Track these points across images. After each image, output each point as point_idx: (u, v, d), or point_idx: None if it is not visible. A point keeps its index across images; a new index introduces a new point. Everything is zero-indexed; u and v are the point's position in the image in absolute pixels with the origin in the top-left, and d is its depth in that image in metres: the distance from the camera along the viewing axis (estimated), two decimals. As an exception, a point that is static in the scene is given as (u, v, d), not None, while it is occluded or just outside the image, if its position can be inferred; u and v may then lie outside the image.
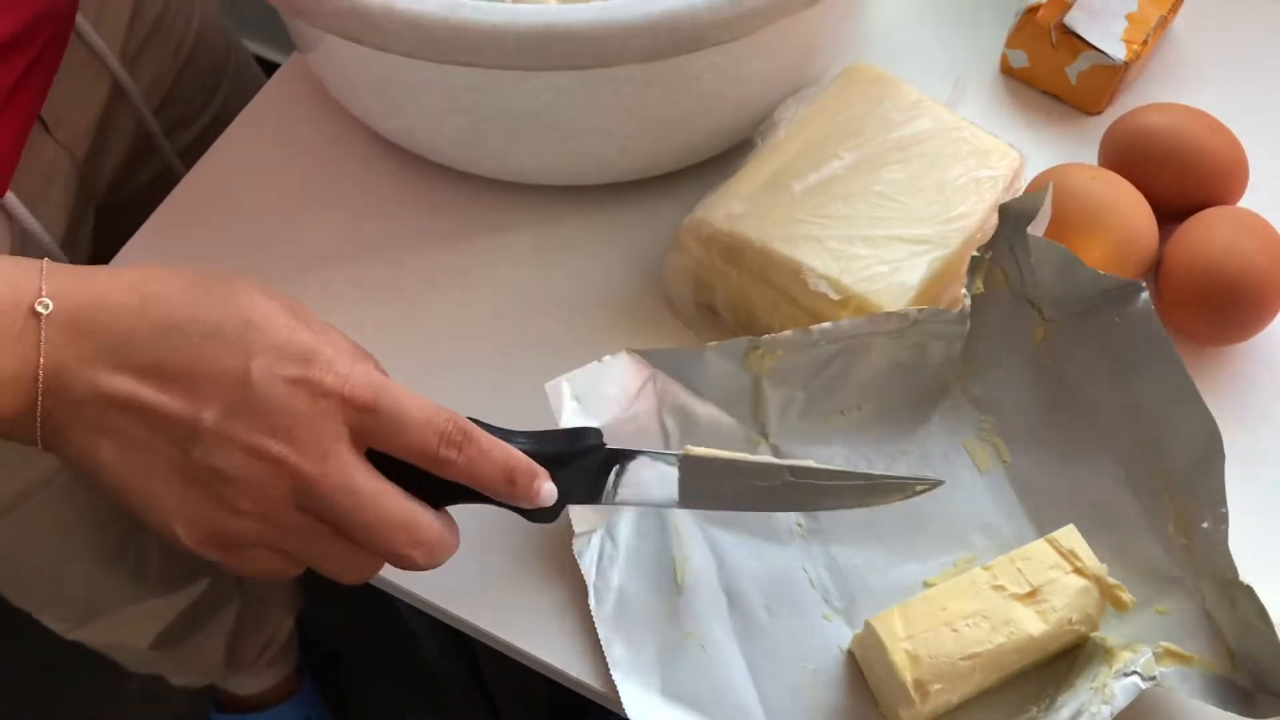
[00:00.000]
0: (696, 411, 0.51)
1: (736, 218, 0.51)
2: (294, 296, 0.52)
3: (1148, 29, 0.58)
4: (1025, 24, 0.59)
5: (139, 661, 0.95)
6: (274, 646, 1.04)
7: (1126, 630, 0.46)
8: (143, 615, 0.86)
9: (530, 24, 0.45)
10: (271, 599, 1.00)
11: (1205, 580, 0.45)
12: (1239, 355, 0.53)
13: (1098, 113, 0.60)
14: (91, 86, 0.63)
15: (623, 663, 0.46)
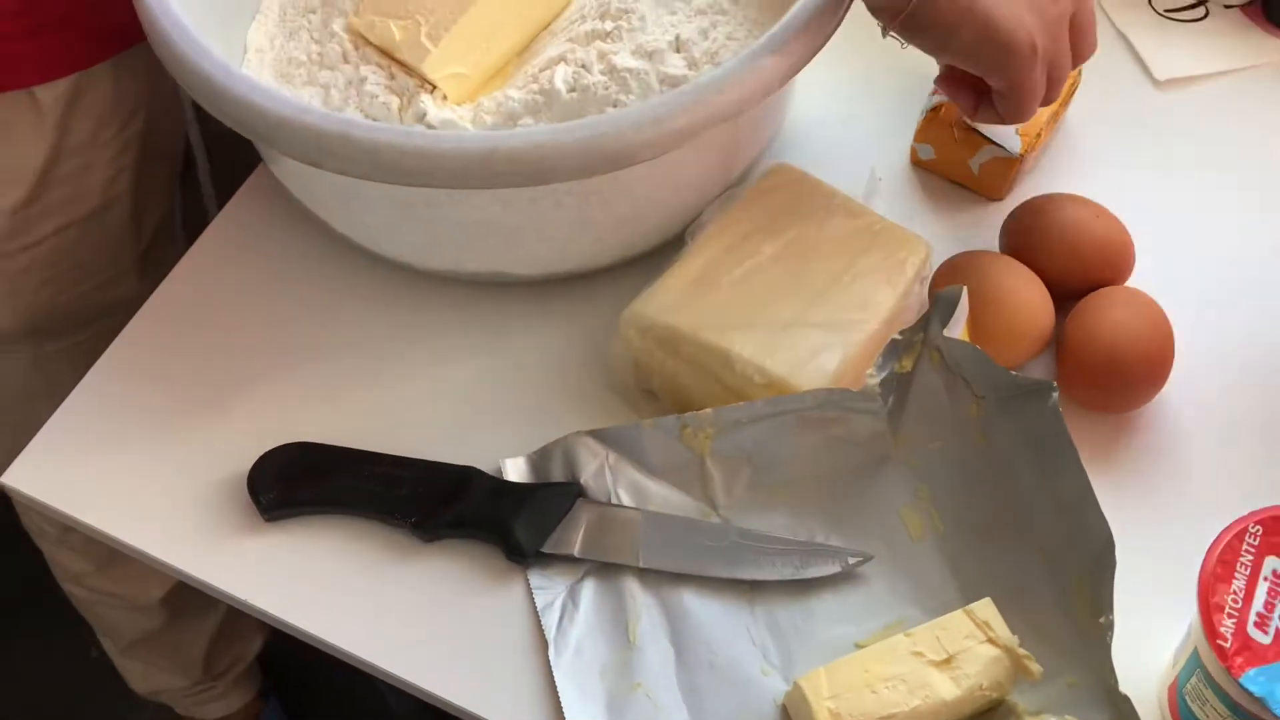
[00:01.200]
0: (649, 489, 0.56)
1: (671, 309, 0.56)
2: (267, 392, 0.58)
3: (1040, 123, 0.64)
4: (930, 121, 0.65)
5: (134, 629, 0.99)
6: (243, 664, 1.09)
7: (1038, 699, 0.50)
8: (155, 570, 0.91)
9: (476, 148, 0.50)
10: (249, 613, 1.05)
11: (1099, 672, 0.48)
12: (1133, 421, 0.58)
13: (999, 199, 0.65)
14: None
15: (575, 709, 0.50)
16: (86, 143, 0.70)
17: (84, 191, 0.72)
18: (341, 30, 0.64)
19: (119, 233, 0.76)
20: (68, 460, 0.58)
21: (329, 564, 0.55)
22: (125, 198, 0.74)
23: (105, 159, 0.71)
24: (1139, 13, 0.74)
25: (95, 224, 0.74)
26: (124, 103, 0.71)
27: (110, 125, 0.71)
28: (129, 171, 0.73)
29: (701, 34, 0.63)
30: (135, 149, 0.73)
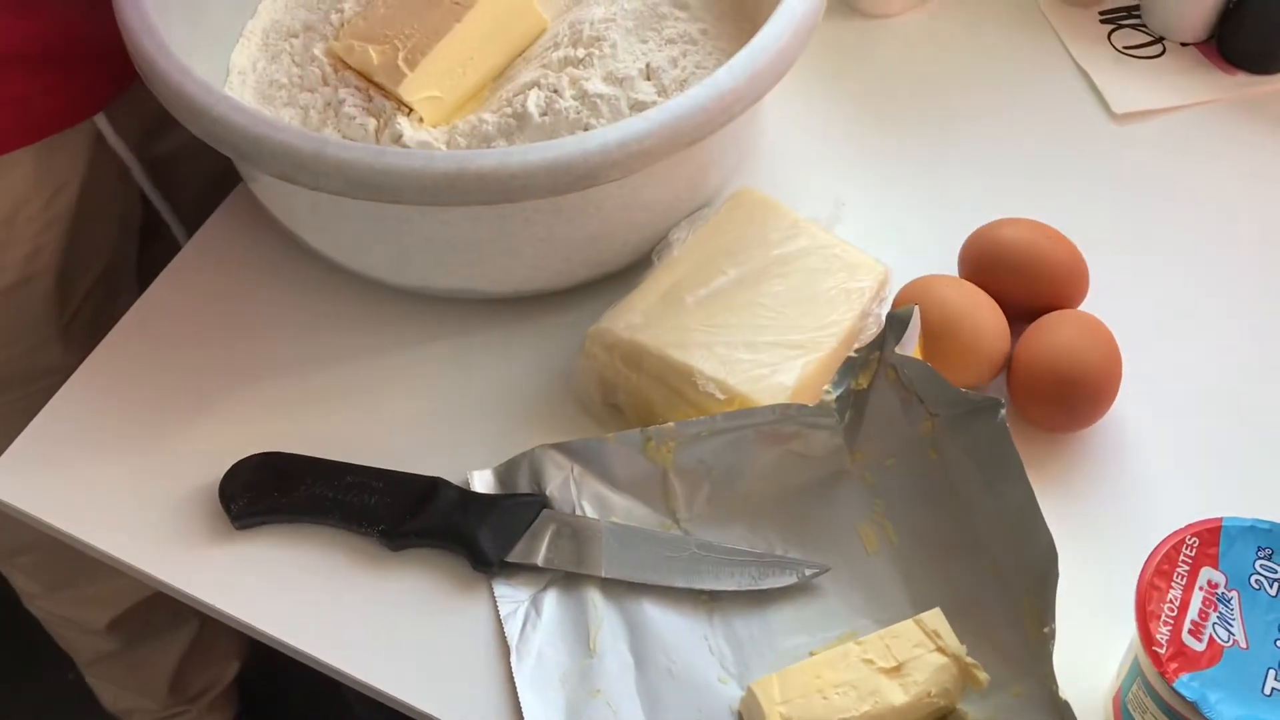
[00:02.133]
0: (613, 501, 0.57)
1: (636, 327, 0.58)
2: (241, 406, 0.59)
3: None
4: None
5: (90, 651, 0.99)
6: (216, 688, 1.09)
7: (986, 707, 0.51)
8: (107, 593, 0.93)
9: (445, 167, 0.51)
10: (225, 636, 1.05)
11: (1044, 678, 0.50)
12: (1082, 440, 0.60)
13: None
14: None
15: (535, 715, 0.51)
16: (4, 221, 0.69)
17: (3, 267, 0.70)
18: (321, 54, 0.66)
19: (40, 304, 0.74)
20: (43, 468, 0.59)
21: (298, 571, 0.56)
22: (48, 271, 0.73)
23: (25, 236, 0.70)
24: (1098, 48, 0.76)
25: (16, 296, 0.72)
26: (46, 182, 0.69)
27: (31, 204, 0.69)
28: (52, 247, 0.72)
29: (671, 62, 0.65)
30: (61, 224, 0.72)
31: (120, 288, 0.80)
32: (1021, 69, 0.76)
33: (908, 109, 0.74)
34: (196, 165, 0.79)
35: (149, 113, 0.73)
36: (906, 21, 0.78)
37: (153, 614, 0.97)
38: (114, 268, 0.78)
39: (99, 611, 0.95)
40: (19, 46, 0.64)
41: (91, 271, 0.76)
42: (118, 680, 1.04)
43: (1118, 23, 0.77)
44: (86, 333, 0.78)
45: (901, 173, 0.71)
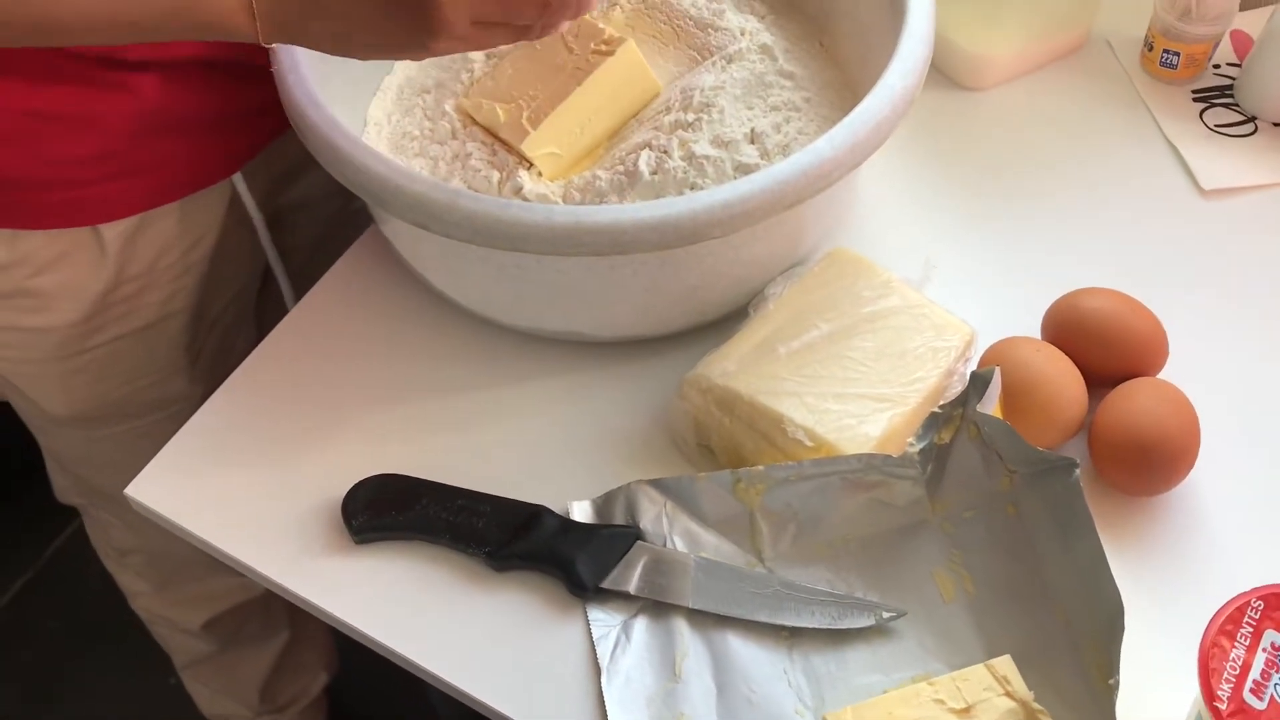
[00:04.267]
0: (702, 537, 0.61)
1: (731, 374, 0.62)
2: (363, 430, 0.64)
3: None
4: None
5: (187, 653, 1.06)
6: (305, 699, 1.14)
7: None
8: (205, 595, 0.99)
9: (563, 221, 0.56)
10: (315, 647, 1.10)
11: None
12: (1158, 503, 0.62)
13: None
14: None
15: None
16: (146, 270, 0.74)
17: (140, 308, 0.76)
18: (451, 110, 0.72)
19: (172, 342, 0.80)
20: (182, 480, 0.65)
21: (409, 585, 0.61)
22: (182, 312, 0.78)
23: (164, 281, 0.76)
24: (1190, 125, 0.79)
25: (150, 334, 0.78)
26: (188, 234, 0.75)
27: (172, 253, 0.75)
28: (187, 291, 0.77)
29: (775, 128, 0.69)
30: (197, 271, 0.77)
31: (240, 325, 0.87)
32: (1112, 142, 0.78)
33: (999, 177, 0.77)
34: (309, 216, 0.86)
35: (276, 171, 0.80)
36: (1001, 94, 0.82)
37: (247, 620, 1.03)
38: (236, 308, 0.85)
39: (196, 612, 1.01)
40: (167, 118, 0.70)
41: (217, 311, 0.83)
42: (212, 683, 1.10)
43: (1210, 101, 0.80)
44: (208, 366, 0.84)
45: (990, 238, 0.74)
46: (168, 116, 0.70)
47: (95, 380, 0.79)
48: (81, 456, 0.88)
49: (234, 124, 0.74)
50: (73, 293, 0.73)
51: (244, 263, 0.83)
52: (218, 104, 0.72)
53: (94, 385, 0.80)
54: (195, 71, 0.70)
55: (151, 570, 0.99)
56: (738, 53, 0.71)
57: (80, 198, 0.70)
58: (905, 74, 0.61)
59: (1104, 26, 0.84)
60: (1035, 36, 0.80)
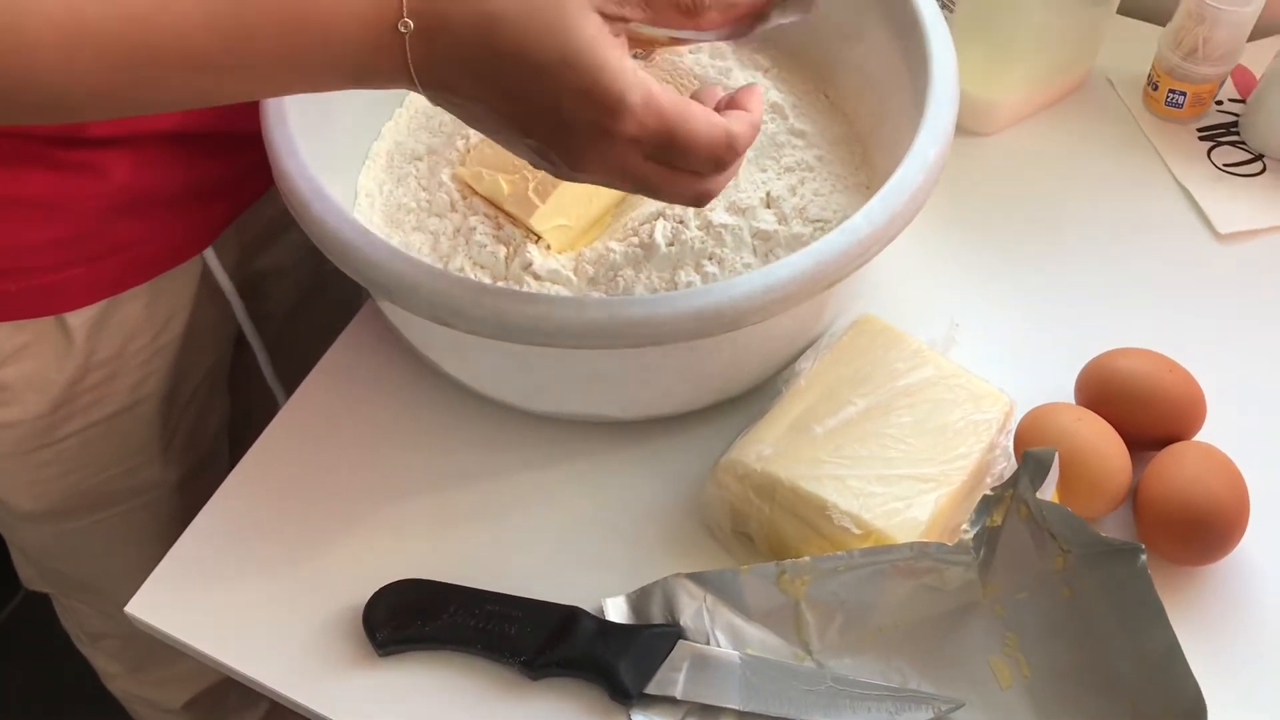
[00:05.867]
0: (746, 631, 0.58)
1: (767, 459, 0.59)
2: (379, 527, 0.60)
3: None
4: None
5: None
6: None
7: None
8: (185, 674, 0.95)
9: (596, 316, 0.53)
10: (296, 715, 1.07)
11: None
12: (1215, 573, 0.60)
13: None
14: None
15: None
16: (114, 355, 0.70)
17: (110, 395, 0.72)
18: (449, 179, 0.68)
19: (145, 427, 0.76)
20: (186, 592, 0.61)
21: (440, 699, 0.57)
22: (154, 396, 0.75)
23: (134, 366, 0.72)
24: (1198, 165, 0.77)
25: (120, 421, 0.74)
26: (158, 314, 0.71)
27: (142, 336, 0.71)
28: (159, 374, 0.74)
29: (790, 190, 0.67)
30: (169, 351, 0.73)
31: (214, 400, 0.82)
32: (1124, 185, 0.77)
33: (1013, 227, 0.75)
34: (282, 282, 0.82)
35: (246, 239, 0.76)
36: (1008, 138, 0.80)
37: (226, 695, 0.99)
38: (208, 382, 0.81)
39: (176, 692, 0.97)
40: (135, 196, 0.65)
41: (190, 390, 0.78)
42: None
43: (1216, 139, 0.79)
44: (182, 448, 0.80)
45: (1011, 293, 0.72)
46: (137, 195, 0.66)
47: (64, 473, 0.75)
48: (50, 549, 0.83)
49: (205, 198, 0.70)
50: (37, 384, 0.69)
51: (216, 336, 0.79)
52: (190, 178, 0.68)
53: (63, 478, 0.75)
54: (166, 146, 0.65)
55: (126, 653, 0.95)
56: (748, 112, 0.68)
57: (43, 285, 0.65)
58: (936, 139, 0.59)
59: (1103, 64, 0.83)
60: (1041, 79, 0.79)
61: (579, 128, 0.45)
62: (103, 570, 0.84)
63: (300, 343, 0.73)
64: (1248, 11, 0.74)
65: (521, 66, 0.44)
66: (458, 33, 0.44)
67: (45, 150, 0.61)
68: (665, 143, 0.46)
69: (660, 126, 0.46)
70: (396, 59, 0.44)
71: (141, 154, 0.64)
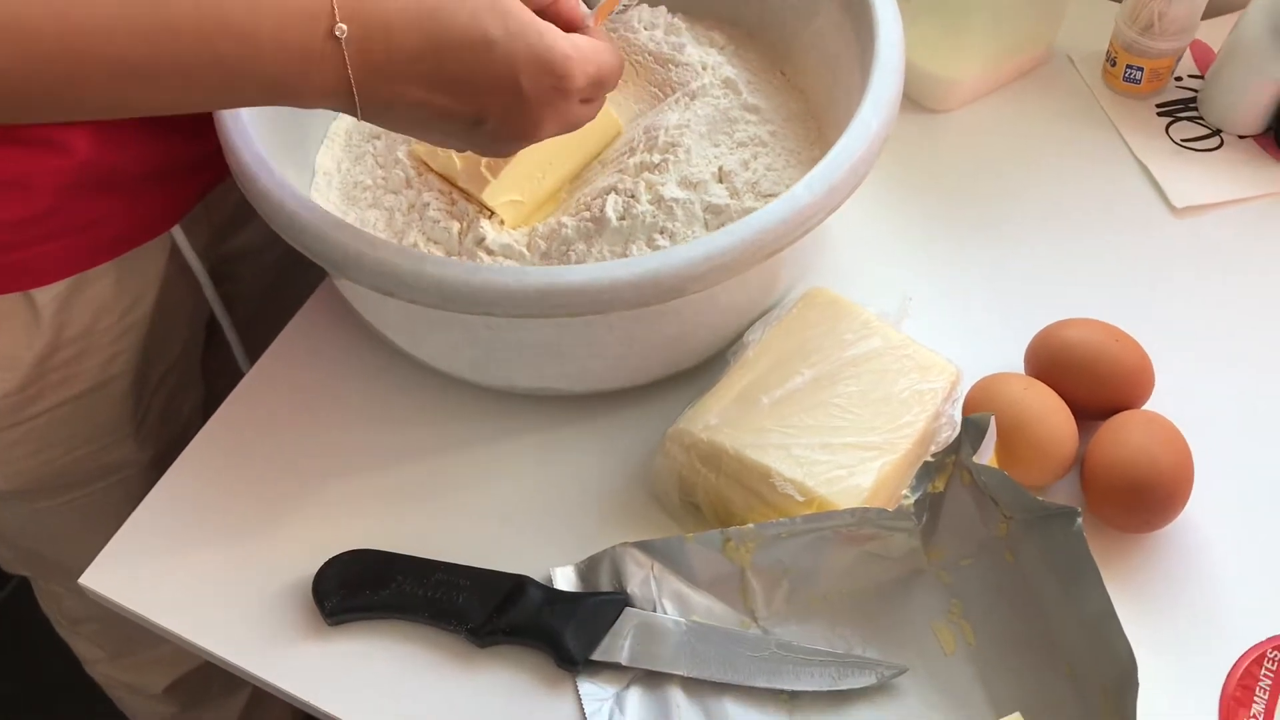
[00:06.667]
0: (693, 599, 0.59)
1: (714, 428, 0.60)
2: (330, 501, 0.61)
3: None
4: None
5: (149, 716, 1.03)
6: None
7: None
8: (165, 659, 0.96)
9: (538, 284, 0.54)
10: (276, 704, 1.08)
11: None
12: (1156, 539, 0.61)
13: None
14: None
15: None
16: (83, 333, 0.70)
17: (80, 373, 0.72)
18: (404, 157, 0.69)
19: (115, 406, 0.76)
20: (140, 564, 0.62)
21: (388, 667, 0.58)
22: (124, 375, 0.74)
23: (104, 344, 0.72)
24: (1156, 141, 0.78)
25: (90, 399, 0.74)
26: (127, 292, 0.71)
27: (111, 314, 0.71)
28: (128, 353, 0.74)
29: (743, 165, 0.67)
30: (138, 330, 0.73)
31: (187, 382, 0.83)
32: (1082, 162, 0.77)
33: (970, 203, 0.75)
34: (253, 264, 0.83)
35: (217, 220, 0.77)
36: (966, 115, 0.80)
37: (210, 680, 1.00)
38: (181, 364, 0.81)
39: (157, 676, 0.98)
40: (100, 173, 0.65)
41: (161, 370, 0.79)
42: None
43: (1175, 115, 0.79)
44: (155, 429, 0.80)
45: (965, 266, 0.72)
46: (101, 172, 0.66)
47: (35, 451, 0.75)
48: (24, 530, 0.84)
49: (173, 176, 0.71)
50: (6, 362, 0.69)
51: (187, 318, 0.80)
52: (155, 156, 0.68)
53: (34, 456, 0.75)
54: (130, 123, 0.66)
55: (107, 638, 0.95)
56: (701, 88, 0.69)
57: (9, 262, 0.66)
58: (879, 110, 0.59)
59: (1064, 41, 0.83)
60: (999, 56, 0.79)
61: (538, 94, 0.47)
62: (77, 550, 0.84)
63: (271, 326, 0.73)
64: (1202, -14, 0.74)
65: (471, 48, 0.45)
66: (399, 31, 0.44)
67: (9, 129, 0.61)
68: (597, 83, 0.49)
69: (595, 71, 0.48)
70: (332, 69, 0.44)
71: (105, 130, 0.65)
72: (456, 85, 0.46)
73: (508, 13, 0.46)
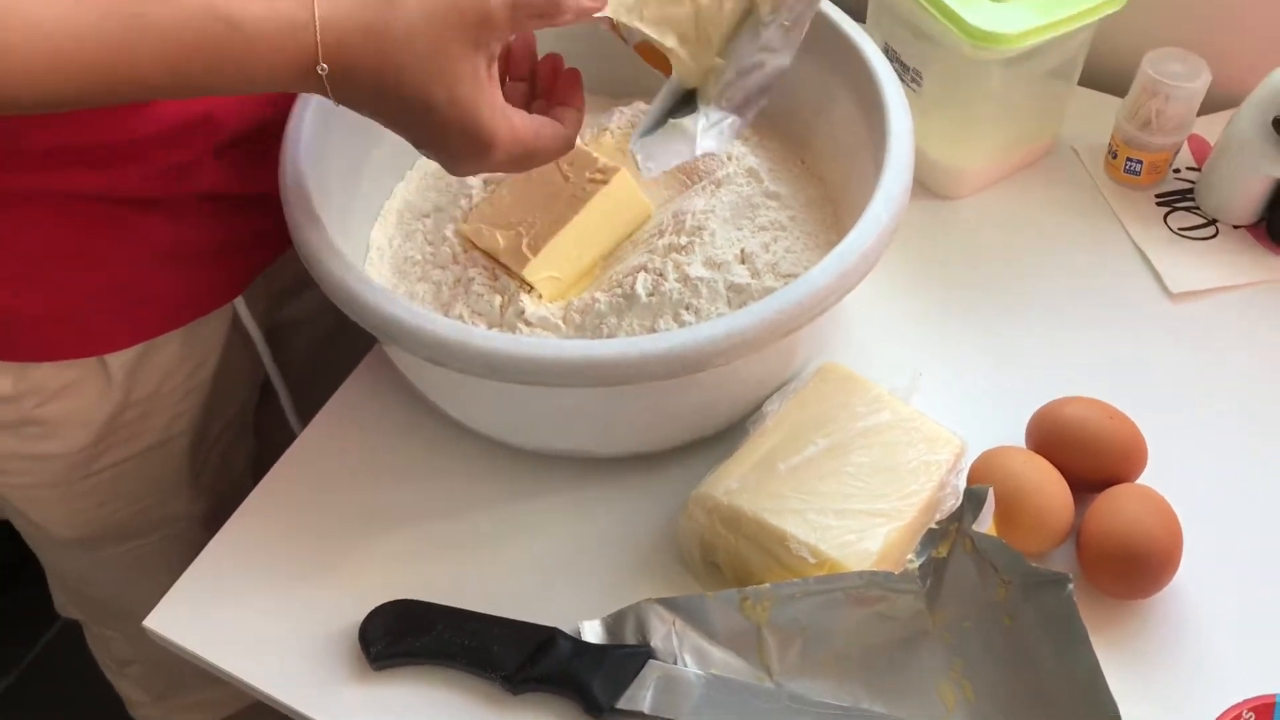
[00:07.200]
0: (712, 654, 0.63)
1: (734, 493, 0.64)
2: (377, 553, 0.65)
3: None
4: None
5: None
6: None
7: None
8: (208, 701, 1.00)
9: (572, 356, 0.59)
10: None
11: None
12: (1148, 606, 0.65)
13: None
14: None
15: None
16: (150, 394, 0.76)
17: (144, 431, 0.78)
18: (452, 235, 0.75)
19: (175, 462, 0.81)
20: (200, 609, 0.66)
21: (428, 710, 0.62)
22: (185, 433, 0.80)
23: (168, 404, 0.77)
24: (1155, 229, 0.82)
25: (153, 455, 0.79)
26: (191, 357, 0.77)
27: (176, 376, 0.77)
28: (191, 412, 0.79)
29: (764, 247, 0.72)
30: (200, 391, 0.79)
31: (241, 438, 0.88)
32: (1083, 247, 0.82)
33: (977, 284, 0.80)
34: (306, 331, 0.88)
35: (275, 289, 0.82)
36: (975, 202, 0.85)
37: None
38: (237, 422, 0.86)
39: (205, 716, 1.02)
40: (168, 250, 0.72)
41: (219, 428, 0.84)
42: None
43: (1173, 205, 0.84)
44: (209, 483, 0.85)
45: (972, 345, 0.77)
46: (171, 249, 0.72)
47: (99, 503, 0.80)
48: (84, 575, 0.89)
49: (236, 251, 0.77)
50: (79, 420, 0.75)
51: (245, 380, 0.85)
52: (221, 234, 0.74)
53: (98, 508, 0.81)
54: (200, 205, 0.72)
55: (152, 681, 1.00)
56: (726, 177, 0.74)
57: (87, 329, 0.72)
58: (889, 203, 0.64)
59: (1068, 133, 0.88)
60: (1007, 148, 0.84)
61: (462, 154, 0.57)
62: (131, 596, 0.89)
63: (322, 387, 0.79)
64: (1196, 86, 0.79)
65: (412, 109, 0.55)
66: (365, 78, 0.54)
67: (91, 207, 0.67)
68: (524, 157, 0.58)
69: (521, 151, 0.58)
70: (315, 87, 0.54)
71: (177, 213, 0.71)
72: (401, 126, 0.56)
73: (456, 83, 0.54)
